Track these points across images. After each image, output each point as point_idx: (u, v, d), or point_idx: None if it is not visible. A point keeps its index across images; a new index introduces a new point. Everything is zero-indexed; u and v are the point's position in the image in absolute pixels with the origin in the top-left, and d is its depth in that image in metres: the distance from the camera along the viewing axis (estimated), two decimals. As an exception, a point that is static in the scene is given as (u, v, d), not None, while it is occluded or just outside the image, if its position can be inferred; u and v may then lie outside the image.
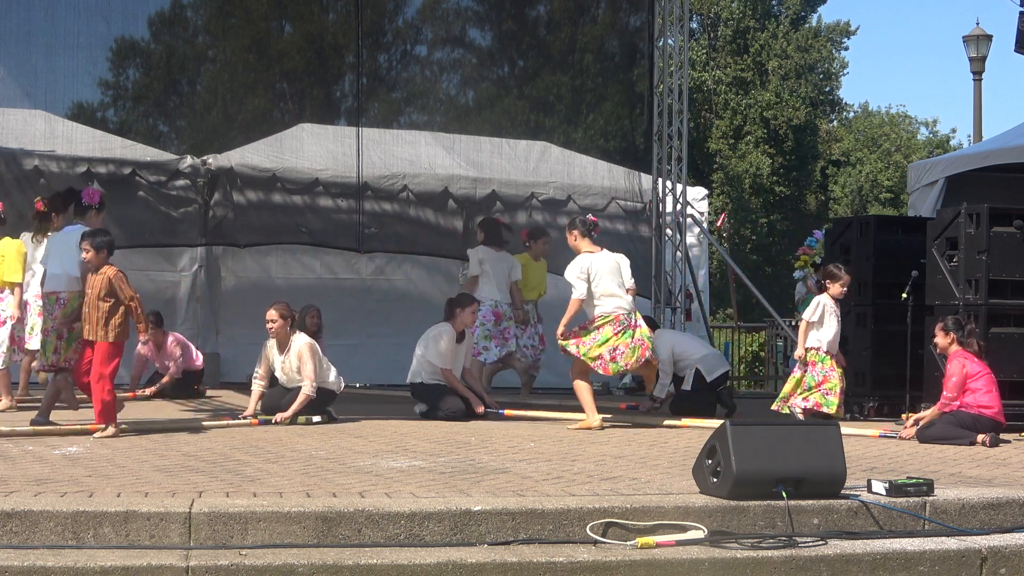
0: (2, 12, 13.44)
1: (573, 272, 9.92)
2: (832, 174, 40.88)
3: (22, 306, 10.64)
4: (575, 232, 10.18)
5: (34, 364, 10.70)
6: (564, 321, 9.94)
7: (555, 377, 13.41)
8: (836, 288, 10.55)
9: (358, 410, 10.73)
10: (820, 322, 10.46)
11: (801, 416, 10.28)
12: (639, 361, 10.07)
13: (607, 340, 9.86)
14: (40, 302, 9.74)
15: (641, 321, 10.17)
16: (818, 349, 10.46)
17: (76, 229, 9.24)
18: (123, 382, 12.30)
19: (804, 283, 16.16)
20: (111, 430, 8.46)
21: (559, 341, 10.01)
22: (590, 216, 11.11)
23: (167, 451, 7.76)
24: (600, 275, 9.92)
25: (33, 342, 10.44)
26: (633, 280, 10.23)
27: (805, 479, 6.12)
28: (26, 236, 10.86)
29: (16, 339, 10.73)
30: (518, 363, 12.38)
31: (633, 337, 9.95)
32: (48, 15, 13.47)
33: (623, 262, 10.19)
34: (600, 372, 10.19)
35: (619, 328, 9.91)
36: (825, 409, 10.34)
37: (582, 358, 9.89)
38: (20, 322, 10.69)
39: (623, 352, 9.90)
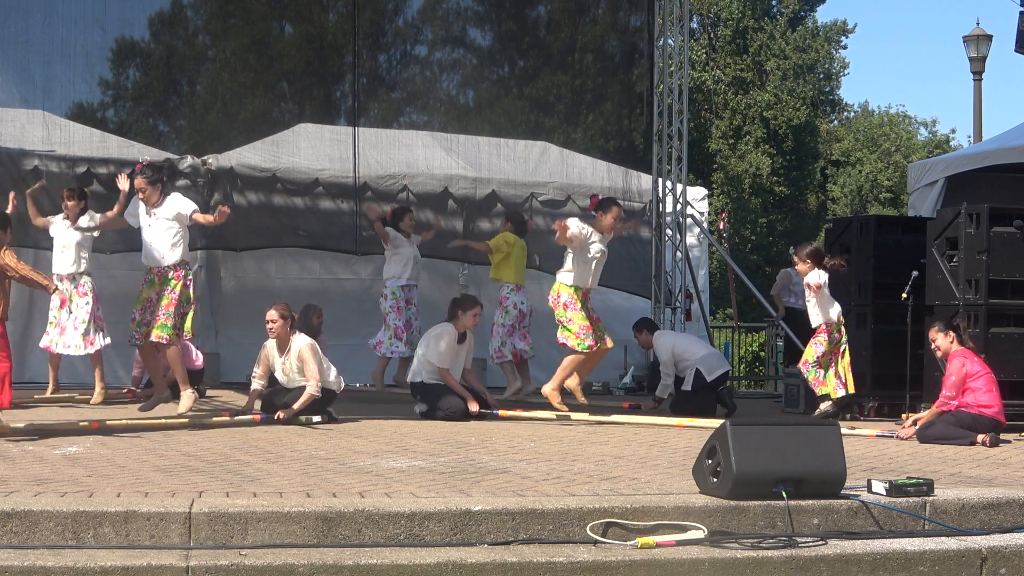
0: (0, 20, 13.44)
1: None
2: (832, 174, 40.85)
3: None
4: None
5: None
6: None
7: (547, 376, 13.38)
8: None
9: (358, 410, 10.73)
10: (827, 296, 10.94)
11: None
12: None
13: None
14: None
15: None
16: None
17: None
18: (122, 384, 12.32)
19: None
20: None
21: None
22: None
23: (167, 451, 7.76)
24: None
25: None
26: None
27: (805, 479, 6.13)
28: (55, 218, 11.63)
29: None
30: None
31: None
32: (46, 24, 13.47)
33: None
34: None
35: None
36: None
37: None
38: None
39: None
